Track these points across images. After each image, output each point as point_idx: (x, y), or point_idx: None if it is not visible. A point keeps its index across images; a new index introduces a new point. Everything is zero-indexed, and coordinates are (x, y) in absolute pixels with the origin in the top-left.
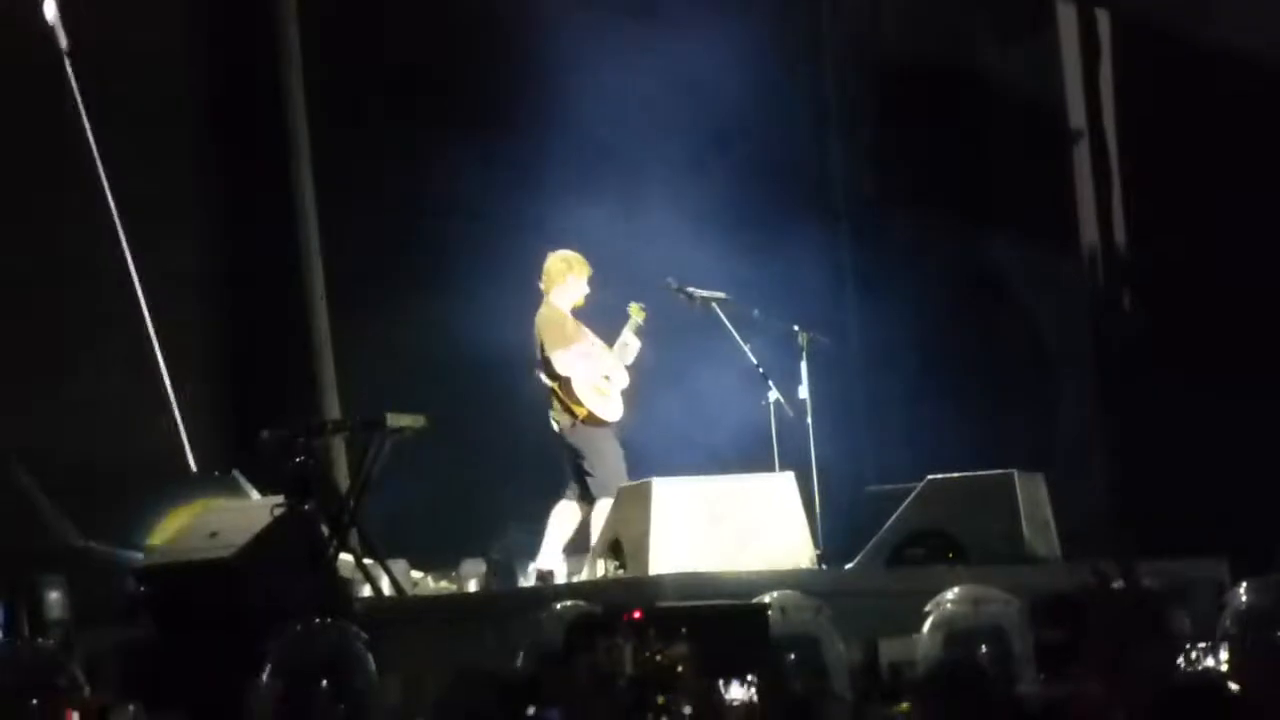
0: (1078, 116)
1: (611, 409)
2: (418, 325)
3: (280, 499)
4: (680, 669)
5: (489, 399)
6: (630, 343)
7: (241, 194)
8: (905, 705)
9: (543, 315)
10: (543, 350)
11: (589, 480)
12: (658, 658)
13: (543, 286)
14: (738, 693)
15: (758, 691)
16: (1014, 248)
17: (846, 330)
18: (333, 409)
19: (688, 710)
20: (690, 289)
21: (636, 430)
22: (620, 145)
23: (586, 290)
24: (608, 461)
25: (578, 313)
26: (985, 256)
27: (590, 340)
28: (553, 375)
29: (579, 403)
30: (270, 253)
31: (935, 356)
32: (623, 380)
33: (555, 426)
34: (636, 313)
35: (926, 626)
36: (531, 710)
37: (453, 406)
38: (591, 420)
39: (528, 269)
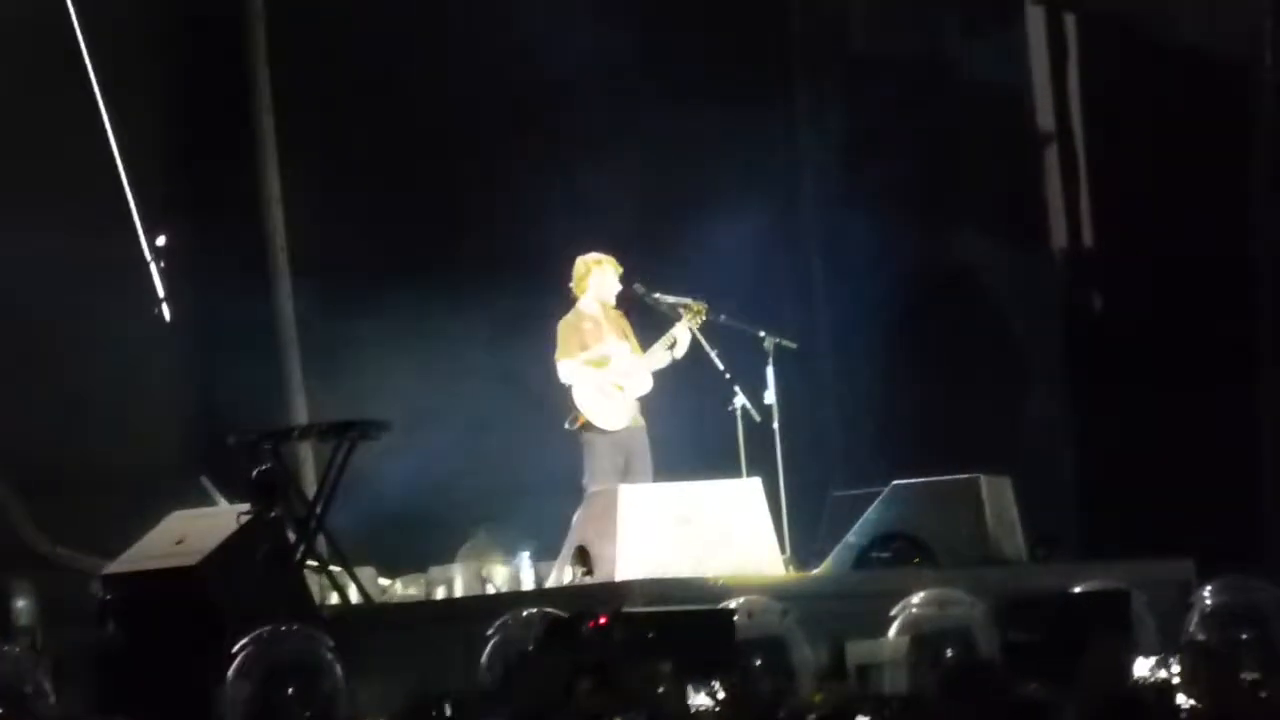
0: (1046, 117)
1: (612, 417)
2: (387, 328)
3: (246, 505)
4: (661, 689)
5: (458, 403)
6: (674, 346)
7: (206, 186)
8: (818, 695)
9: (562, 321)
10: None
11: (584, 483)
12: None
13: (573, 291)
14: (704, 699)
15: (725, 694)
16: (983, 248)
17: (814, 333)
18: (300, 414)
19: None
20: (658, 295)
21: None
22: (583, 142)
23: (617, 286)
24: (598, 468)
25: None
26: (954, 257)
27: (611, 343)
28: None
29: (577, 409)
30: (236, 252)
31: (903, 359)
32: (641, 387)
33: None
34: (693, 315)
35: (893, 629)
36: None
37: (422, 410)
38: (588, 427)
39: (498, 270)
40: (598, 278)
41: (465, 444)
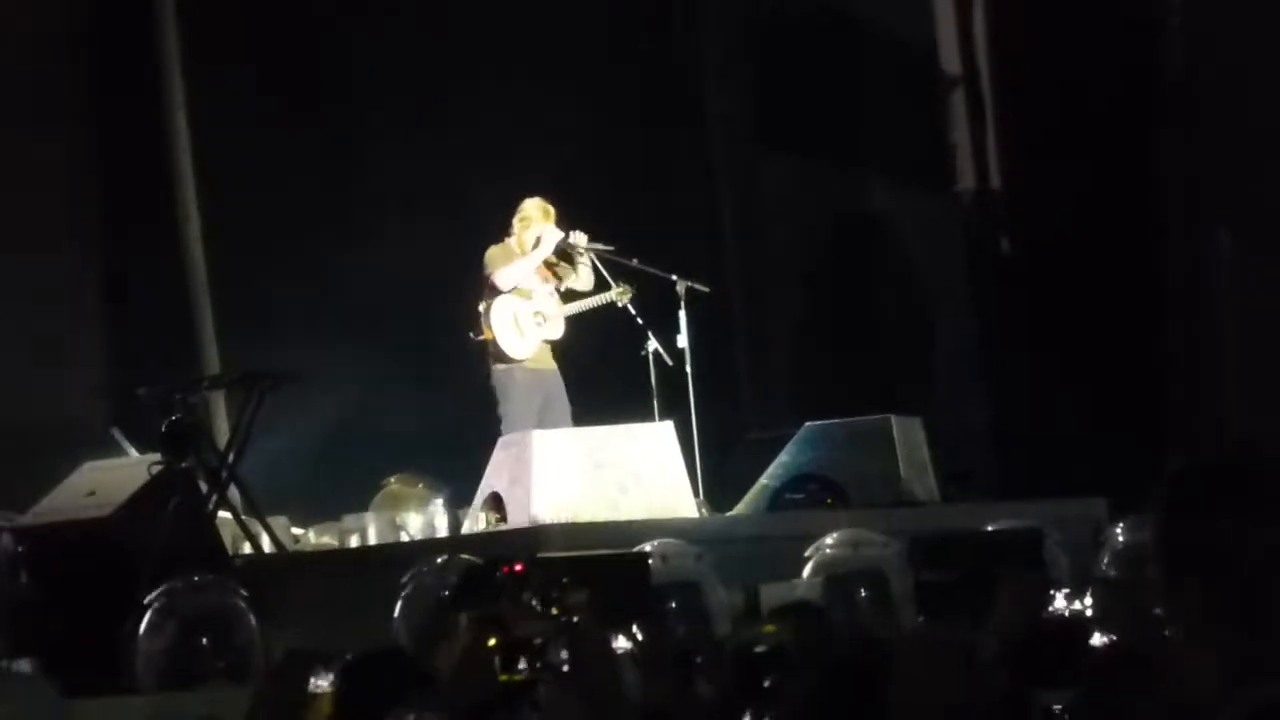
0: (952, 62)
1: (521, 346)
2: (300, 275)
3: (158, 456)
4: (578, 619)
5: (370, 351)
6: (582, 308)
7: (113, 137)
8: (770, 626)
9: (493, 247)
10: (487, 276)
11: (501, 423)
12: (554, 610)
13: (513, 225)
14: (620, 643)
15: (640, 638)
16: (892, 192)
17: (725, 278)
18: (212, 363)
19: (564, 655)
20: (571, 240)
21: None
22: (495, 87)
23: (536, 238)
24: (514, 410)
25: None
26: (863, 201)
27: (539, 282)
28: (486, 295)
29: (490, 326)
30: (147, 203)
31: (814, 302)
32: (554, 330)
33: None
34: (618, 295)
35: (807, 570)
36: None
37: (334, 359)
38: (496, 351)
39: (409, 217)
40: (534, 228)
41: (378, 392)
